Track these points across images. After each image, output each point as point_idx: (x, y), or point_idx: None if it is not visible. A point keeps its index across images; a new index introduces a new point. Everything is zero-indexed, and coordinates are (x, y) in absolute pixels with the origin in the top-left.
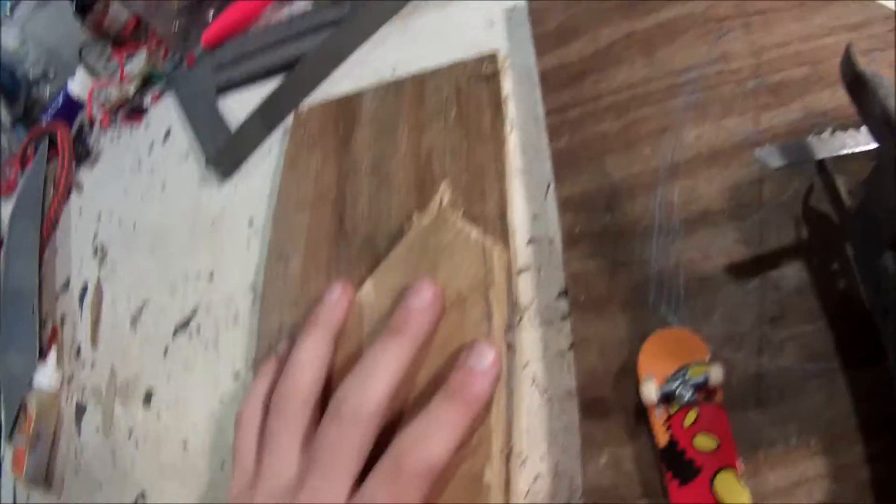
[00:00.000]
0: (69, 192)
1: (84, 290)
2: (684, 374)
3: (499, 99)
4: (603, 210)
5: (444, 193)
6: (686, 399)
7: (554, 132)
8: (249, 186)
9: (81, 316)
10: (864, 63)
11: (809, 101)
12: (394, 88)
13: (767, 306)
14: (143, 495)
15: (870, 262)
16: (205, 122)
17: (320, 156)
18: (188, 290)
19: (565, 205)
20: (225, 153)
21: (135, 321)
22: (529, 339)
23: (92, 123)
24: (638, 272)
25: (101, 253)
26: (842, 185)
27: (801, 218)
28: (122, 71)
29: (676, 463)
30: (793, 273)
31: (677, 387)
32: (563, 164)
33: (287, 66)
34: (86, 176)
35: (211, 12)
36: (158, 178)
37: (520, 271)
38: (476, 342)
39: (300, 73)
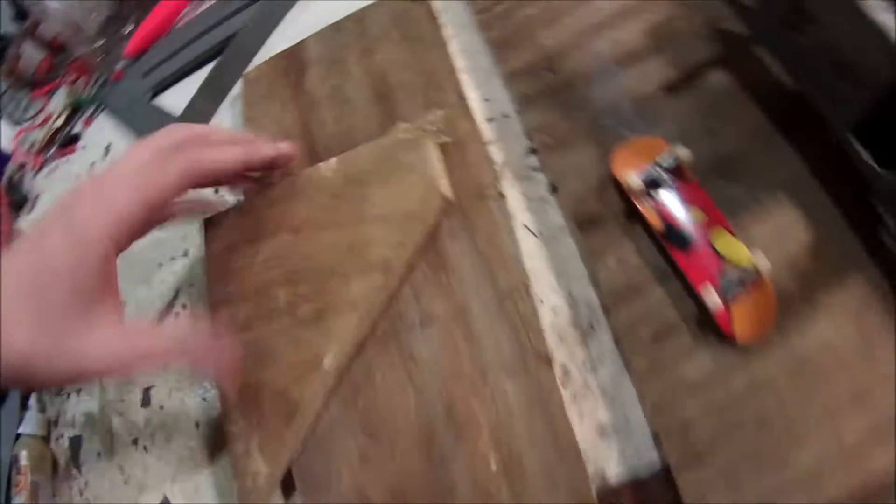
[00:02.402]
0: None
1: None
2: (656, 164)
3: (432, 12)
4: (546, 71)
5: (437, 118)
6: (665, 183)
7: (485, 26)
8: None
9: None
10: None
11: None
12: (334, 29)
13: (706, 106)
14: (166, 500)
15: (775, 37)
16: (145, 122)
17: (278, 104)
18: (166, 275)
19: (513, 76)
20: None
21: None
22: (511, 195)
23: (23, 170)
24: (590, 109)
25: None
26: None
27: (712, 38)
28: (46, 111)
29: (676, 238)
30: (718, 79)
31: (655, 174)
32: (502, 47)
33: (218, 51)
34: (27, 221)
35: (131, 24)
36: None
37: (486, 143)
38: None
39: (237, 46)
